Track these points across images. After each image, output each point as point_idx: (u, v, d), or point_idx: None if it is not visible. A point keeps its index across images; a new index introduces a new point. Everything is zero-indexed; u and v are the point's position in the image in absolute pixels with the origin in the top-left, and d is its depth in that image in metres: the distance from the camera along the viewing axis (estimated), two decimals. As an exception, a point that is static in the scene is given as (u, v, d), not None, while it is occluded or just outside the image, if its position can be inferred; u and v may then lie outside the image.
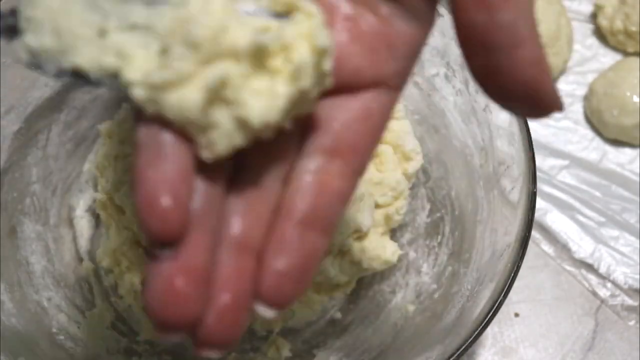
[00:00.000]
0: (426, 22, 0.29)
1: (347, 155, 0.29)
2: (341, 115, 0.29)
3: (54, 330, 0.50)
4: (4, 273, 0.49)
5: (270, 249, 0.27)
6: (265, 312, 0.27)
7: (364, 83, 0.29)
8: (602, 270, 0.62)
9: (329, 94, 0.29)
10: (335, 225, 0.29)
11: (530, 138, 0.45)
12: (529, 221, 0.43)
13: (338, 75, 0.28)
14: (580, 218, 0.64)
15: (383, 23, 0.29)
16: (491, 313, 0.40)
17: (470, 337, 0.40)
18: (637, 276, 0.61)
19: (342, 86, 0.29)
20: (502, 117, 0.48)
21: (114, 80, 0.25)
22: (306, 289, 0.27)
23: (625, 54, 0.72)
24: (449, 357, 0.40)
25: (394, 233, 0.55)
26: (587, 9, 0.75)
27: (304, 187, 0.28)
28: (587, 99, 0.69)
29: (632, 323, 0.60)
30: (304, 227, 0.27)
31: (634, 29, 0.69)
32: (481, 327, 0.40)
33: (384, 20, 0.29)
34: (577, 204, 0.65)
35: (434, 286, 0.51)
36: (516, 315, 0.60)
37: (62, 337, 0.50)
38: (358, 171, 0.29)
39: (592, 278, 0.62)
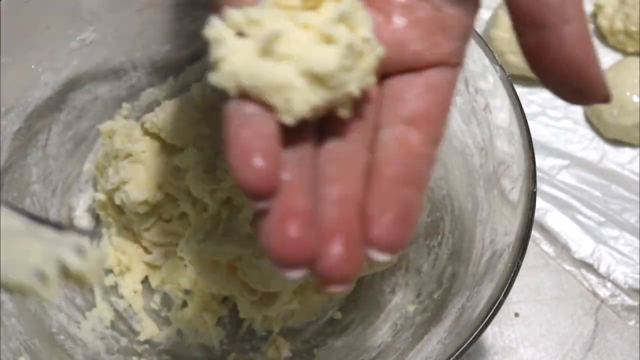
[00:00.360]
0: (472, 4, 0.33)
1: (423, 123, 0.31)
2: (411, 89, 0.32)
3: (54, 330, 0.50)
4: (3, 273, 0.49)
5: (374, 204, 0.29)
6: (379, 256, 0.29)
7: (425, 63, 0.32)
8: (602, 270, 0.62)
9: (395, 74, 0.32)
10: (426, 184, 0.31)
11: (530, 138, 0.45)
12: (529, 221, 0.43)
13: (400, 58, 0.32)
14: (580, 218, 0.64)
15: (435, 9, 0.32)
16: (491, 313, 0.40)
17: (470, 337, 0.40)
18: (637, 276, 0.61)
19: (406, 67, 0.32)
20: (502, 117, 0.47)
21: None
22: (411, 233, 0.29)
23: (625, 54, 0.72)
24: (449, 357, 0.40)
25: (394, 233, 0.55)
26: (587, 9, 0.75)
27: (393, 151, 0.30)
28: (587, 99, 0.69)
29: (632, 323, 0.60)
30: (400, 184, 0.29)
31: (634, 28, 0.69)
32: (481, 327, 0.40)
33: (436, 6, 0.32)
34: (577, 204, 0.65)
35: (434, 286, 0.51)
36: (516, 315, 0.60)
37: (62, 337, 0.50)
38: (435, 139, 0.32)
39: (592, 278, 0.62)
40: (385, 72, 0.32)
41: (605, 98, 0.29)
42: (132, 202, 0.52)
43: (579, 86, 0.29)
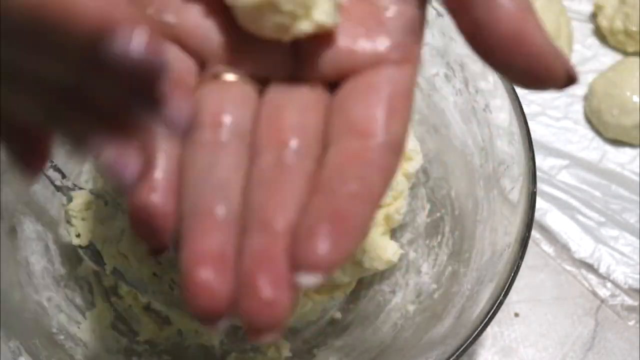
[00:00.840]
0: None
1: (369, 131, 0.27)
2: (352, 95, 0.28)
3: (54, 330, 0.50)
4: (3, 273, 0.49)
5: (306, 220, 0.24)
6: (307, 278, 0.23)
7: (364, 62, 0.29)
8: (602, 270, 0.62)
9: (340, 81, 0.29)
10: (378, 196, 0.26)
11: (530, 138, 0.45)
12: (529, 221, 0.43)
13: (339, 59, 0.28)
14: (580, 218, 0.64)
15: (369, 3, 0.29)
16: (491, 313, 0.40)
17: (470, 337, 0.40)
18: (637, 276, 0.61)
19: (345, 71, 0.29)
20: (502, 117, 0.48)
21: None
22: (349, 250, 0.24)
23: (625, 54, 0.72)
24: (449, 357, 0.40)
25: (393, 233, 0.55)
26: (587, 9, 0.75)
27: (336, 162, 0.26)
28: (587, 99, 0.69)
29: (632, 323, 0.60)
30: (344, 198, 0.25)
31: (634, 29, 0.69)
32: (481, 327, 0.40)
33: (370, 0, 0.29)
34: (577, 204, 0.65)
35: (434, 286, 0.51)
36: (516, 315, 0.60)
37: (62, 337, 0.50)
38: (388, 144, 0.27)
39: (592, 278, 0.62)
40: (326, 78, 0.29)
41: (567, 77, 0.26)
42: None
43: (528, 65, 0.26)
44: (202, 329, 0.54)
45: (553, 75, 0.26)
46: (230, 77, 0.29)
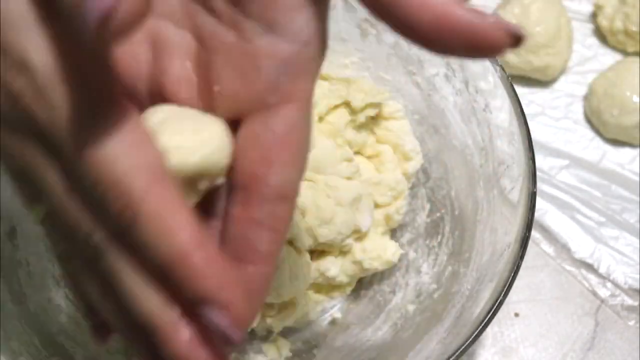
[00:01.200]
0: (301, 37, 0.28)
1: (254, 186, 0.29)
2: (239, 148, 0.29)
3: (54, 330, 0.50)
4: (4, 273, 0.49)
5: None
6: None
7: (248, 108, 0.29)
8: (602, 270, 0.62)
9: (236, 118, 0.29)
10: (277, 251, 0.29)
11: (530, 138, 0.46)
12: (529, 221, 0.43)
13: (225, 106, 0.29)
14: (580, 218, 0.64)
15: (247, 42, 0.28)
16: (491, 313, 0.40)
17: (470, 337, 0.40)
18: (637, 276, 0.61)
19: (228, 114, 0.30)
20: (502, 117, 0.48)
21: None
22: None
23: (625, 54, 0.72)
24: (449, 357, 0.40)
25: (394, 233, 0.55)
26: (587, 9, 0.76)
27: (235, 231, 0.29)
28: (587, 99, 0.69)
29: (632, 323, 0.60)
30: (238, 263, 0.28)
31: (634, 29, 0.69)
32: (481, 327, 0.40)
33: (248, 39, 0.28)
34: (577, 204, 0.65)
35: (434, 286, 0.52)
36: (516, 315, 0.60)
37: (62, 338, 0.50)
38: (274, 196, 0.29)
39: (592, 278, 0.62)
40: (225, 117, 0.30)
41: (509, 36, 0.25)
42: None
43: (464, 41, 0.25)
44: None
45: (493, 39, 0.25)
46: None
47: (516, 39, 0.26)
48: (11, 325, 0.47)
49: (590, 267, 0.62)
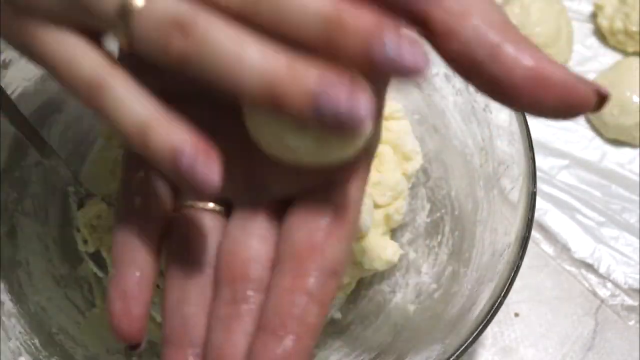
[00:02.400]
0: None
1: (308, 259, 0.29)
2: (294, 222, 0.31)
3: (54, 330, 0.50)
4: (3, 273, 0.49)
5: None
6: None
7: (307, 184, 0.31)
8: (602, 270, 0.62)
9: (275, 206, 0.32)
10: (312, 328, 0.29)
11: (531, 138, 0.46)
12: (529, 221, 0.43)
13: (284, 186, 0.31)
14: (580, 218, 0.64)
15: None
16: (491, 313, 0.41)
17: (471, 336, 0.40)
18: (637, 276, 0.61)
19: (287, 192, 0.31)
20: (502, 117, 0.48)
21: None
22: None
23: (625, 54, 0.72)
24: (449, 357, 0.40)
25: (393, 233, 0.55)
26: (587, 9, 0.76)
27: (282, 305, 0.29)
28: (587, 99, 0.69)
29: (632, 323, 0.60)
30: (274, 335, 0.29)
31: (634, 29, 0.70)
32: (481, 326, 0.40)
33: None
34: (577, 204, 0.65)
35: (434, 286, 0.52)
36: (516, 315, 0.60)
37: (62, 337, 0.50)
38: (325, 269, 0.29)
39: (592, 278, 0.62)
40: (277, 198, 0.32)
41: (598, 95, 0.26)
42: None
43: (557, 100, 0.25)
44: None
45: (584, 99, 0.26)
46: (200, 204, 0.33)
47: (602, 99, 0.26)
48: (11, 325, 0.47)
49: (590, 267, 0.62)
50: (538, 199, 0.44)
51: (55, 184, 0.53)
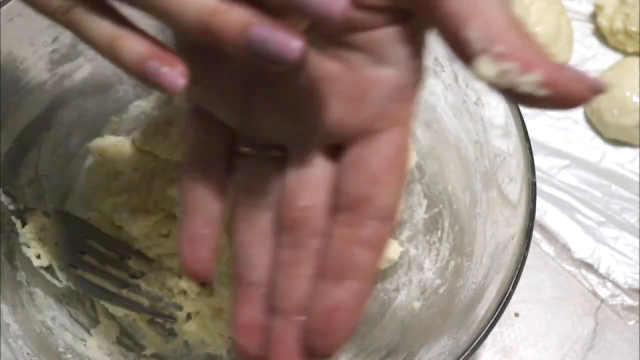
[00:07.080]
0: (404, 65, 0.31)
1: (359, 208, 0.33)
2: (345, 172, 0.34)
3: (61, 349, 0.52)
4: (5, 295, 0.50)
5: (314, 317, 0.33)
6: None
7: (354, 133, 0.33)
8: (602, 270, 0.63)
9: (328, 153, 0.34)
10: (369, 273, 0.33)
11: (526, 129, 0.47)
12: (531, 211, 0.44)
13: (331, 134, 0.33)
14: (580, 218, 0.65)
15: (354, 71, 0.32)
16: (501, 305, 0.42)
17: (483, 330, 0.41)
18: (637, 276, 0.63)
19: (339, 140, 0.33)
20: (495, 110, 0.49)
21: None
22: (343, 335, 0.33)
23: (625, 54, 0.74)
24: (464, 352, 0.41)
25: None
26: (587, 9, 0.77)
27: (340, 254, 0.33)
28: (587, 98, 0.71)
29: (632, 323, 0.61)
30: (335, 281, 0.33)
31: (634, 29, 0.71)
32: (493, 319, 0.42)
33: (355, 69, 0.32)
34: (577, 204, 0.66)
35: (438, 281, 0.53)
36: (516, 315, 0.62)
37: (69, 356, 0.51)
38: (378, 216, 0.32)
39: (592, 278, 0.63)
40: (326, 144, 0.34)
41: (591, 90, 0.26)
42: (129, 225, 0.54)
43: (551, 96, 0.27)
44: (207, 339, 0.55)
45: (575, 94, 0.27)
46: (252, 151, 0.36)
47: (596, 92, 0.27)
48: (18, 346, 0.48)
49: (590, 267, 0.63)
50: (538, 199, 0.45)
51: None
